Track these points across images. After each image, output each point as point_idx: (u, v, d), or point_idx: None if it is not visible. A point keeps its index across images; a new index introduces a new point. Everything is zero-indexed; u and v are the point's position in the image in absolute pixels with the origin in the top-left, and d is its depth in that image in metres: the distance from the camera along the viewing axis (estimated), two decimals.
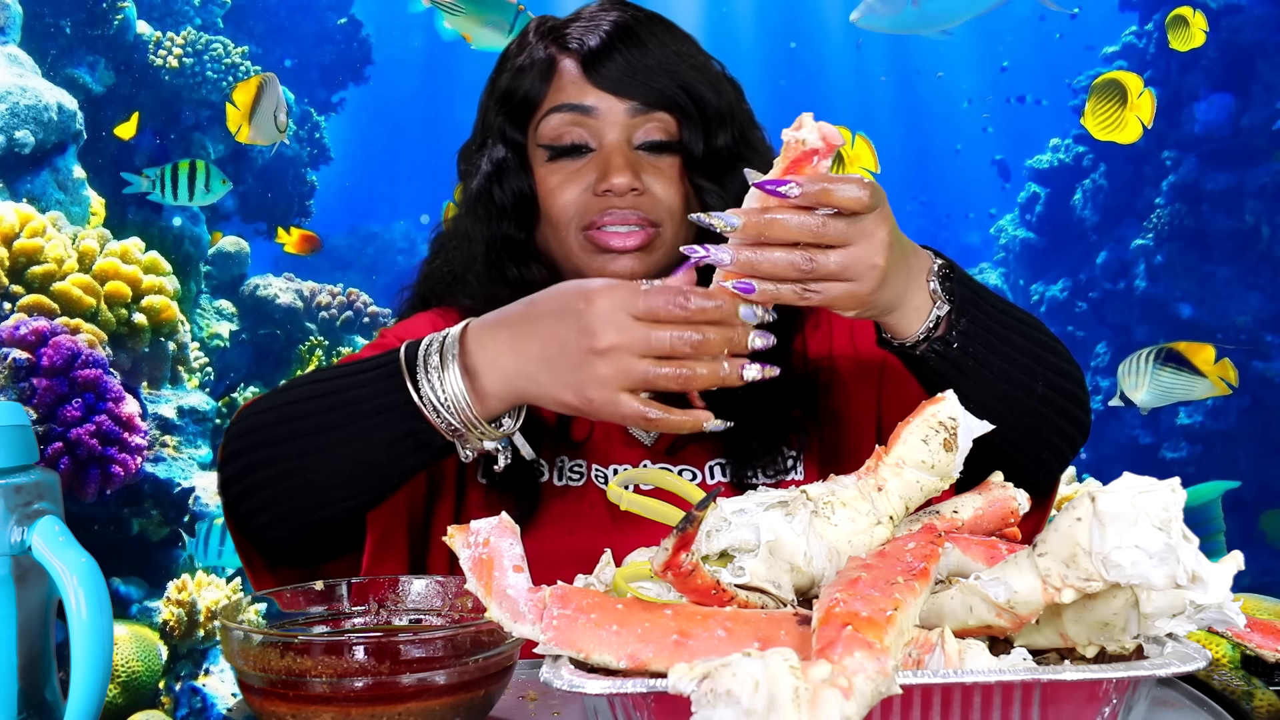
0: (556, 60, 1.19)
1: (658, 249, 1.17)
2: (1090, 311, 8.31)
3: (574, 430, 1.20)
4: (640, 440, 1.22)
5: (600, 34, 1.17)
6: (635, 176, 1.14)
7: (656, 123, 1.17)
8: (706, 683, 0.51)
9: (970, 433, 0.82)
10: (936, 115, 15.71)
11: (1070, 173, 8.53)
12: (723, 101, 1.20)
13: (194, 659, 4.09)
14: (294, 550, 1.10)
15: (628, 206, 1.14)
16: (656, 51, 1.18)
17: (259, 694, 0.77)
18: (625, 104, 1.16)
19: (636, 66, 1.16)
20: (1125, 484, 0.63)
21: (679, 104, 1.17)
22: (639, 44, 1.17)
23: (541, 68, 1.19)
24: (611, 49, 1.16)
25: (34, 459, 0.78)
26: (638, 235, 1.15)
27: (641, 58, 1.17)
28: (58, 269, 3.91)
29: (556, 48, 1.20)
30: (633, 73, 1.16)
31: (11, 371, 3.49)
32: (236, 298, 5.98)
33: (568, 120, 1.17)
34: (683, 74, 1.18)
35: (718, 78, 1.22)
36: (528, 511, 1.16)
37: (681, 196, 1.17)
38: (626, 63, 1.16)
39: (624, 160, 1.14)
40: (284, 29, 7.99)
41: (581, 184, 1.16)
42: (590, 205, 1.15)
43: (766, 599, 0.75)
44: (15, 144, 4.43)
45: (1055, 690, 0.65)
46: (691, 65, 1.20)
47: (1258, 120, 7.03)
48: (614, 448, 1.22)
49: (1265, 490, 6.74)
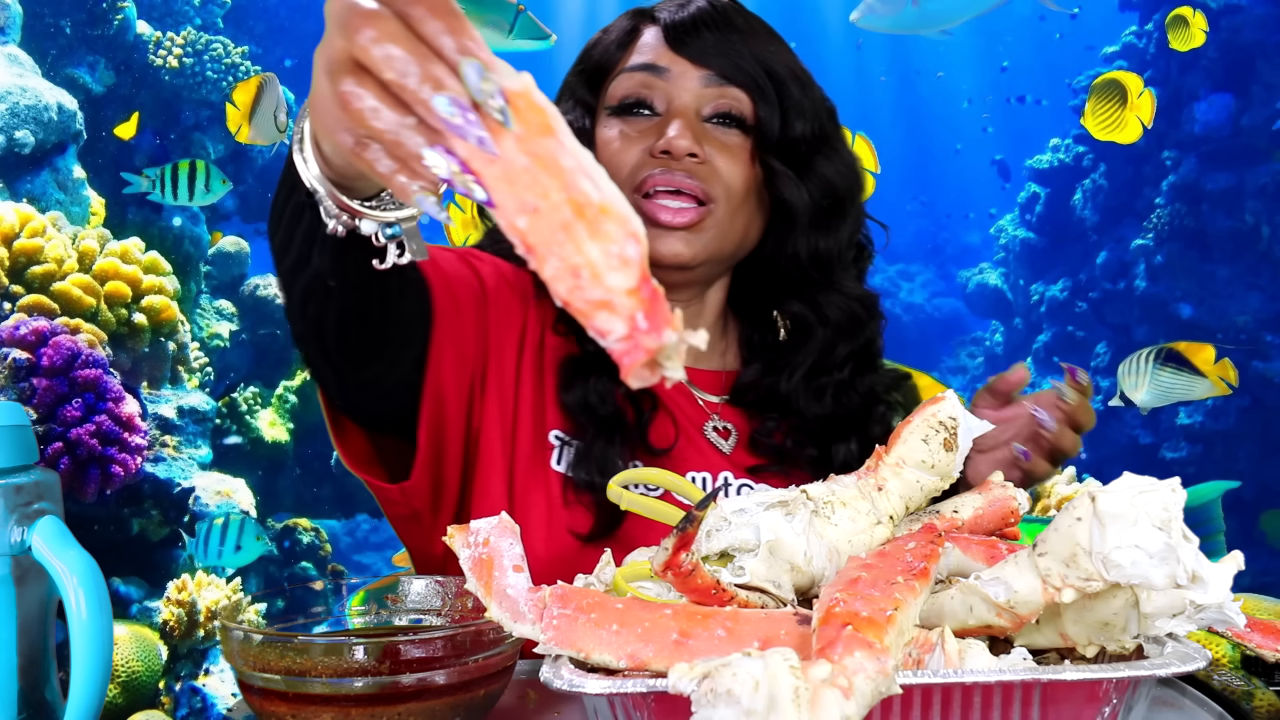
0: (640, 29, 1.19)
1: (708, 229, 1.13)
2: (1090, 311, 8.31)
3: (653, 438, 1.16)
4: (719, 448, 1.20)
5: (691, 10, 1.16)
6: (697, 143, 1.11)
7: (730, 99, 1.15)
8: (707, 682, 0.51)
9: (970, 432, 0.82)
10: (936, 115, 15.74)
11: (1070, 173, 8.53)
12: (807, 97, 1.18)
13: (194, 659, 4.09)
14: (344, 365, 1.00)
15: (683, 171, 1.11)
16: (744, 31, 1.16)
17: (259, 694, 0.77)
18: (701, 71, 1.14)
19: (720, 40, 1.14)
20: (1125, 484, 0.63)
21: (758, 84, 1.14)
22: (728, 23, 1.16)
23: (622, 34, 1.19)
24: (698, 23, 1.15)
25: (34, 459, 0.78)
26: (688, 213, 1.11)
27: (727, 35, 1.15)
28: (58, 269, 3.91)
29: (643, 19, 1.19)
30: (715, 44, 1.14)
31: (11, 371, 3.49)
32: (236, 298, 5.98)
33: (638, 81, 1.15)
34: (767, 57, 1.16)
35: (806, 77, 1.20)
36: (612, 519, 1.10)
37: (745, 179, 1.14)
38: (711, 35, 1.14)
39: (687, 124, 1.12)
40: (284, 29, 8.00)
41: (641, 145, 1.13)
42: (645, 164, 1.12)
43: (766, 599, 0.75)
44: (15, 144, 4.43)
45: (1055, 690, 0.65)
46: (778, 54, 1.18)
47: (1258, 120, 7.03)
48: (697, 455, 1.18)
49: (1265, 490, 6.75)
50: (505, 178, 0.52)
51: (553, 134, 0.52)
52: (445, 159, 0.53)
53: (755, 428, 1.22)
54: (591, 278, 0.50)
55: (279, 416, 5.83)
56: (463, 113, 0.52)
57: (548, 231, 0.51)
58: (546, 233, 0.51)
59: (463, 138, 0.52)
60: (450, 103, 0.52)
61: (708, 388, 1.26)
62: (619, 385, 1.15)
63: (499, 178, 0.52)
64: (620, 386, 1.15)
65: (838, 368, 1.23)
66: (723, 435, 1.22)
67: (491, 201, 0.52)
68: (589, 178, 0.51)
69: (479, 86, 0.52)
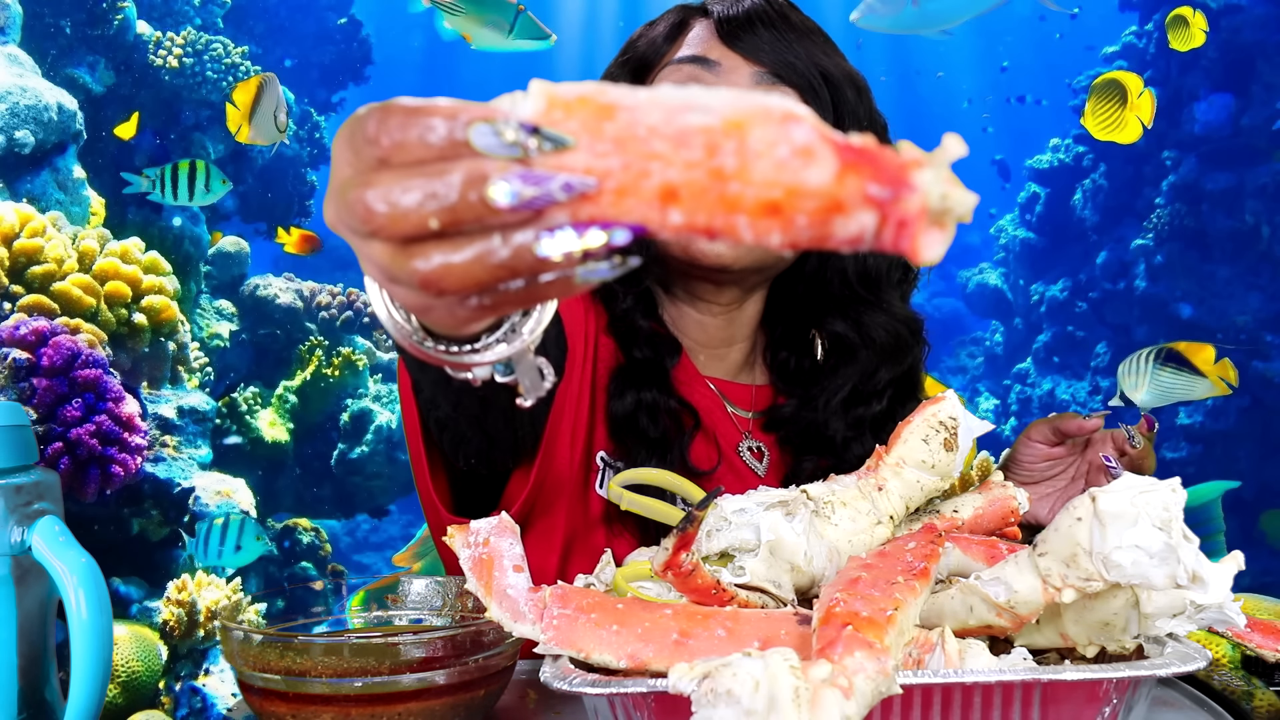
0: (689, 22, 1.12)
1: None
2: (1090, 311, 8.32)
3: (694, 457, 1.12)
4: (755, 470, 1.18)
5: (746, 4, 1.10)
6: None
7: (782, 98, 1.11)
8: (707, 682, 0.51)
9: (970, 432, 0.82)
10: (936, 115, 15.72)
11: (1070, 173, 8.54)
12: (862, 105, 1.13)
13: (194, 659, 4.09)
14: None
15: None
16: (800, 29, 1.10)
17: (259, 694, 0.77)
18: (753, 68, 1.08)
19: (775, 38, 1.08)
20: (1125, 484, 0.63)
21: (812, 86, 1.08)
22: (784, 21, 1.10)
23: (670, 27, 1.12)
24: (753, 18, 1.09)
25: (34, 459, 0.78)
26: None
27: (783, 32, 1.09)
28: (58, 269, 3.91)
29: (692, 14, 1.13)
30: (770, 41, 1.08)
31: (11, 371, 3.49)
32: (236, 298, 5.98)
33: (686, 74, 1.08)
34: (822, 60, 1.10)
35: (863, 84, 1.15)
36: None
37: None
38: (766, 31, 1.08)
39: None
40: (284, 29, 7.99)
41: None
42: None
43: (767, 598, 0.75)
44: (15, 144, 4.43)
45: (1055, 690, 0.65)
46: (833, 58, 1.12)
47: (1258, 120, 7.04)
48: (735, 479, 1.15)
49: (1265, 490, 6.75)
50: (617, 191, 0.40)
51: (612, 108, 0.40)
52: (556, 236, 0.42)
53: (790, 466, 1.19)
54: (790, 197, 0.39)
55: (279, 416, 5.83)
56: (524, 180, 0.41)
57: (706, 199, 0.40)
58: (707, 201, 0.40)
59: (550, 202, 0.41)
60: (506, 184, 0.41)
61: (741, 403, 1.22)
62: (671, 397, 1.12)
63: (612, 198, 0.40)
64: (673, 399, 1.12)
65: (877, 396, 1.18)
66: (756, 456, 1.19)
67: (635, 226, 0.41)
68: (690, 109, 0.40)
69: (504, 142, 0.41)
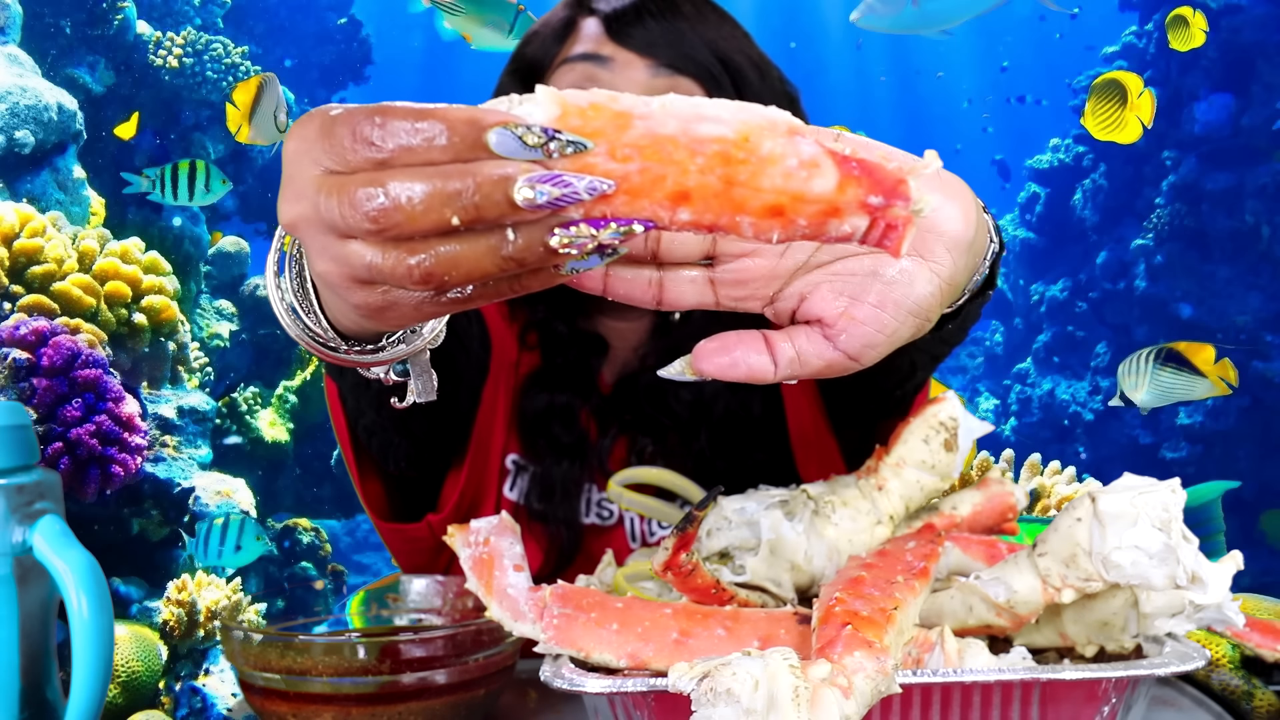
0: (577, 20, 1.07)
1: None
2: (1090, 311, 8.32)
3: (614, 463, 1.10)
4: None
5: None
6: None
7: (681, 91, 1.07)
8: (706, 681, 0.51)
9: (970, 433, 0.82)
10: (936, 115, 15.73)
11: (1070, 173, 8.54)
12: (766, 84, 1.07)
13: (194, 659, 4.09)
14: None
15: None
16: (691, 17, 1.05)
17: (259, 694, 0.77)
18: (646, 62, 1.02)
19: (666, 28, 1.03)
20: (1125, 484, 0.63)
21: (711, 73, 1.03)
22: (673, 9, 1.05)
23: (558, 28, 1.07)
24: (640, 10, 1.03)
25: (34, 459, 0.78)
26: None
27: (673, 22, 1.03)
28: (58, 269, 3.91)
29: (579, 10, 1.07)
30: (661, 33, 1.03)
31: (11, 371, 3.49)
32: (236, 298, 5.98)
33: (579, 73, 1.03)
34: (719, 43, 1.05)
35: (764, 61, 1.09)
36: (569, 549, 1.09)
37: None
38: (655, 23, 1.03)
39: None
40: (284, 29, 7.99)
41: None
42: None
43: (767, 598, 0.75)
44: (15, 144, 4.43)
45: (1055, 689, 0.65)
46: (731, 39, 1.07)
47: (1258, 120, 7.04)
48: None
49: (1265, 490, 6.75)
50: (632, 192, 0.43)
51: (628, 115, 0.43)
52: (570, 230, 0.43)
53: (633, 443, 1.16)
54: (794, 202, 0.43)
55: (279, 416, 5.83)
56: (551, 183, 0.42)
57: (716, 201, 0.43)
58: (716, 203, 0.43)
59: (575, 202, 0.42)
60: (533, 186, 0.42)
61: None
62: (585, 402, 1.11)
63: (626, 198, 0.43)
64: (587, 403, 1.11)
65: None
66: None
67: (648, 223, 0.44)
68: (703, 119, 0.43)
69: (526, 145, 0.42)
